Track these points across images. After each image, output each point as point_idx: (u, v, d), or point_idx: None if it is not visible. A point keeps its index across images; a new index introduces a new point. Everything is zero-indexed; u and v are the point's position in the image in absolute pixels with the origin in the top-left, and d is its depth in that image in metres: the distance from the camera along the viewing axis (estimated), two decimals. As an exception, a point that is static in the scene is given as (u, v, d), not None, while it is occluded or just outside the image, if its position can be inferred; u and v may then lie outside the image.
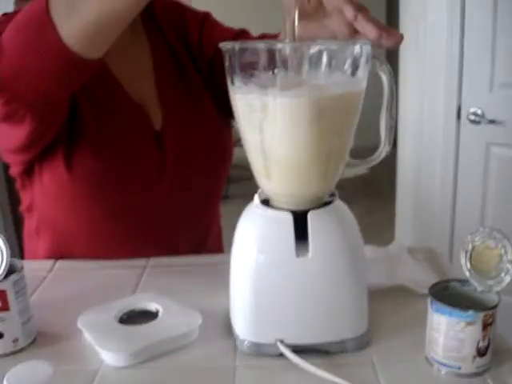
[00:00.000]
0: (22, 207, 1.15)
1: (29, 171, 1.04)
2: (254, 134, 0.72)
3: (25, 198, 1.12)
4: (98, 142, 1.00)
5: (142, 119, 1.06)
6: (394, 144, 2.64)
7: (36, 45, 0.77)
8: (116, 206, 1.05)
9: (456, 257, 1.04)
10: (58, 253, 1.11)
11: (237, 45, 0.71)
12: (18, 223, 2.47)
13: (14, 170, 1.08)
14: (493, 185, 2.39)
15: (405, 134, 2.73)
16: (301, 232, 0.73)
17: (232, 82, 0.73)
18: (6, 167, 2.40)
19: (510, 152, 2.32)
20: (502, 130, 2.30)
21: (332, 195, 0.78)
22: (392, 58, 2.71)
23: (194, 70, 1.14)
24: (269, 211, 0.76)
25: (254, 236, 0.76)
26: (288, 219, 0.73)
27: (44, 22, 0.74)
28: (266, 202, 0.78)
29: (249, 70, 0.70)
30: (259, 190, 0.79)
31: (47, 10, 0.74)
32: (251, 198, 0.80)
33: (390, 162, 0.74)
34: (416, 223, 2.79)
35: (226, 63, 0.72)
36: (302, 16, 0.80)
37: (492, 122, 2.30)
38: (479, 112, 2.33)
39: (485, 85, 2.31)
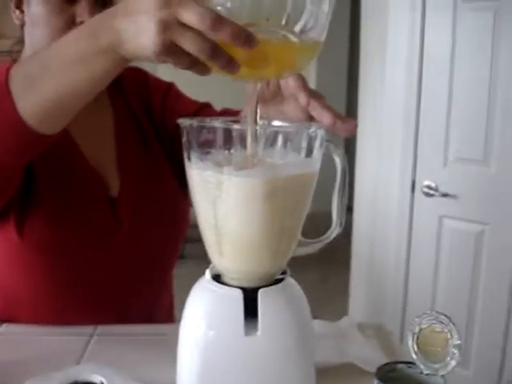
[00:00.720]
0: None
1: None
2: (208, 209, 0.73)
3: None
4: (51, 207, 0.99)
5: (99, 185, 1.06)
6: (351, 211, 2.69)
7: None
8: (66, 273, 1.03)
9: (406, 332, 1.05)
10: (5, 315, 1.08)
11: (194, 122, 0.72)
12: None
13: None
14: (445, 256, 2.43)
15: (360, 203, 2.79)
16: (251, 309, 0.73)
17: (188, 158, 0.74)
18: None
19: (462, 225, 2.37)
20: (454, 203, 2.36)
21: (283, 272, 0.79)
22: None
23: (156, 139, 1.15)
24: (219, 287, 0.76)
25: (203, 312, 0.75)
26: (238, 297, 0.73)
27: (2, 95, 0.74)
28: (217, 277, 0.78)
29: (205, 147, 0.71)
30: (211, 265, 0.79)
31: (6, 83, 0.74)
32: (207, 259, 0.79)
33: (346, 228, 0.76)
34: (370, 293, 2.81)
35: (184, 139, 0.74)
36: (261, 101, 0.83)
37: (445, 195, 2.36)
38: (433, 185, 2.39)
39: (439, 159, 2.38)
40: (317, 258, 0.95)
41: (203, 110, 1.17)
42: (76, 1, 0.98)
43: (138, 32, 0.61)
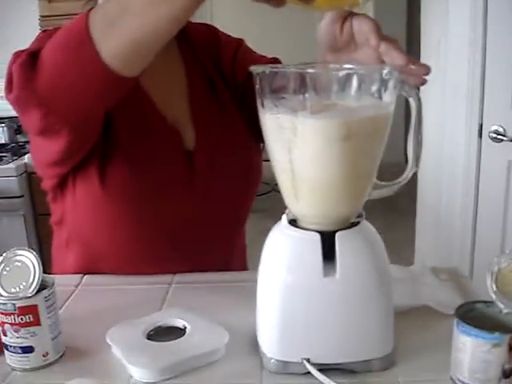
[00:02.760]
0: (53, 220, 1.17)
1: (62, 185, 1.06)
2: (283, 155, 0.74)
3: (56, 210, 1.14)
4: (131, 159, 1.02)
5: (175, 139, 1.08)
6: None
7: (75, 61, 0.78)
8: (147, 222, 1.07)
9: (477, 275, 1.05)
10: (87, 266, 1.13)
11: (267, 68, 0.72)
12: (40, 236, 2.50)
13: (47, 183, 1.10)
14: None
15: (426, 151, 2.71)
16: (328, 252, 0.74)
17: (262, 105, 0.74)
18: (31, 181, 2.44)
19: (532, 169, 2.31)
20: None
21: (359, 216, 0.79)
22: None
23: (228, 91, 1.16)
24: (296, 231, 0.77)
25: (282, 256, 0.77)
26: (316, 240, 0.74)
27: (83, 40, 0.75)
28: (293, 222, 0.79)
29: (279, 93, 0.72)
30: (287, 210, 0.80)
31: (87, 28, 0.75)
32: (273, 213, 0.80)
33: (411, 178, 0.76)
34: (436, 241, 2.78)
35: (257, 86, 0.74)
36: (334, 50, 0.83)
37: (514, 139, 2.29)
38: (501, 130, 2.33)
39: (507, 103, 2.30)
40: (380, 206, 0.95)
41: (273, 64, 1.17)
42: None
43: None
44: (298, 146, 0.71)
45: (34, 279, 0.80)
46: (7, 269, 0.81)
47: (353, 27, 0.83)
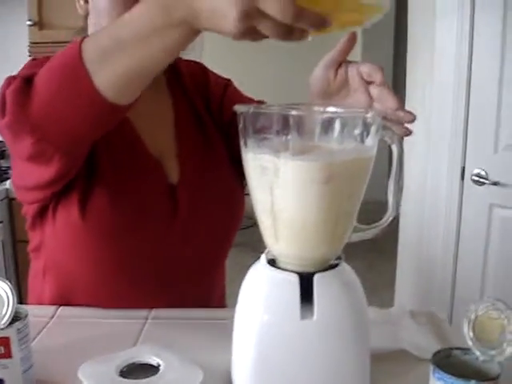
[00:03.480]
0: (30, 247, 1.16)
1: (42, 212, 1.05)
2: (265, 195, 0.74)
3: (34, 238, 1.13)
4: (113, 190, 1.02)
5: (158, 172, 1.08)
6: (398, 200, 2.66)
7: (69, 91, 0.78)
8: (126, 256, 1.06)
9: (456, 319, 1.05)
10: (62, 296, 1.11)
11: (251, 108, 0.73)
12: (18, 263, 2.47)
13: (28, 210, 1.08)
14: (495, 246, 2.39)
15: (408, 192, 2.74)
16: (306, 294, 0.74)
17: (245, 144, 0.75)
18: (11, 207, 2.41)
19: (513, 213, 2.33)
20: (505, 192, 2.31)
21: (338, 258, 0.79)
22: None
23: (215, 128, 1.17)
24: (275, 272, 0.77)
25: (259, 296, 0.77)
26: (294, 281, 0.74)
27: (77, 70, 0.75)
28: (272, 262, 0.79)
29: (262, 133, 0.72)
30: (266, 250, 0.80)
31: (80, 58, 0.75)
32: (253, 247, 0.80)
33: (392, 220, 0.76)
34: (416, 282, 2.79)
35: (240, 125, 0.74)
36: (325, 95, 0.84)
37: (496, 183, 2.31)
38: (483, 173, 2.35)
39: (489, 146, 2.33)
40: (362, 246, 0.95)
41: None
42: None
43: (217, 15, 0.62)
44: (280, 187, 0.71)
45: (7, 311, 0.79)
46: (-20, 299, 0.80)
47: (348, 72, 0.84)
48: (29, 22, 2.47)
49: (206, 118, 1.17)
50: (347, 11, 0.65)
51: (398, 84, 4.40)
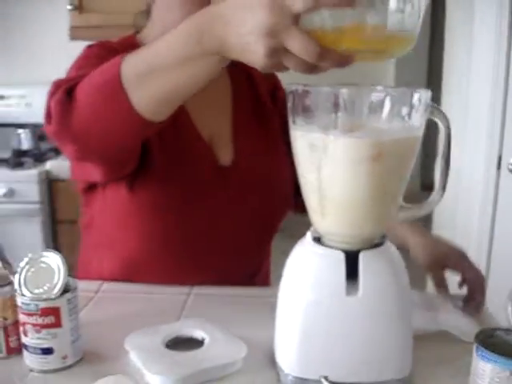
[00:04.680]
0: (82, 222, 1.20)
1: (92, 188, 1.10)
2: (312, 172, 0.74)
3: (85, 214, 1.17)
4: (162, 171, 1.05)
5: (208, 155, 1.11)
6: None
7: (108, 108, 0.81)
8: (172, 233, 1.09)
9: (493, 304, 1.05)
10: (113, 271, 1.14)
11: (300, 86, 0.74)
12: (58, 243, 2.52)
13: (79, 186, 1.14)
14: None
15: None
16: (351, 271, 0.75)
17: (294, 122, 0.76)
18: (52, 188, 2.45)
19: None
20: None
21: (383, 237, 0.80)
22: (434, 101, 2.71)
23: (276, 119, 1.20)
24: (321, 249, 0.78)
25: (305, 273, 0.78)
26: (339, 258, 0.75)
27: (116, 89, 0.79)
28: (317, 240, 0.80)
29: (311, 111, 0.73)
30: (311, 227, 0.81)
31: (119, 78, 0.78)
32: (289, 233, 0.81)
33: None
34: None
35: (289, 104, 0.75)
36: None
37: (532, 173, 2.29)
38: (520, 162, 2.32)
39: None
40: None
41: None
42: None
43: (245, 49, 0.65)
44: (328, 164, 0.72)
45: (58, 281, 0.81)
46: (32, 269, 0.83)
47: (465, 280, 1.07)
48: (69, 7, 2.50)
49: (268, 107, 1.20)
50: (372, 47, 0.65)
51: (434, 71, 4.36)
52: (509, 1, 2.29)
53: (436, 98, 2.78)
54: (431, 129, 0.78)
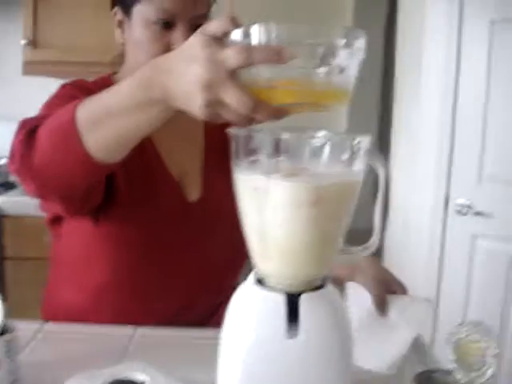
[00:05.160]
0: (50, 256, 1.23)
1: (59, 221, 1.14)
2: (254, 215, 0.75)
3: (53, 247, 1.20)
4: (128, 206, 1.08)
5: (176, 191, 1.14)
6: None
7: (63, 149, 0.85)
8: (138, 268, 1.11)
9: (438, 344, 1.06)
10: (78, 304, 1.15)
11: (243, 131, 0.75)
12: (5, 281, 2.46)
13: (46, 219, 1.17)
14: (478, 276, 2.42)
15: (393, 219, 2.79)
16: (293, 314, 0.75)
17: (237, 165, 0.77)
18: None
19: (496, 244, 2.36)
20: (488, 222, 2.35)
21: (324, 279, 0.81)
22: (384, 145, 2.79)
23: None
24: (262, 291, 0.78)
25: (247, 315, 0.78)
26: (280, 301, 0.75)
27: (70, 132, 0.82)
28: (260, 281, 0.80)
29: (253, 155, 0.74)
30: (254, 270, 0.82)
31: (74, 122, 0.82)
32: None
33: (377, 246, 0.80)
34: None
35: (232, 147, 0.77)
36: None
37: (479, 213, 2.35)
38: (466, 203, 2.39)
39: (473, 177, 2.37)
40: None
41: None
42: (172, 28, 1.06)
43: (186, 99, 0.68)
44: (269, 208, 0.73)
45: (-4, 324, 0.80)
46: (-31, 312, 0.81)
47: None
48: (23, 41, 2.49)
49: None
50: (305, 101, 0.68)
51: (384, 113, 4.46)
52: (455, 48, 2.38)
53: (386, 139, 2.85)
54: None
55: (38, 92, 2.90)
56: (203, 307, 1.19)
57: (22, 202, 2.40)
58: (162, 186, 1.13)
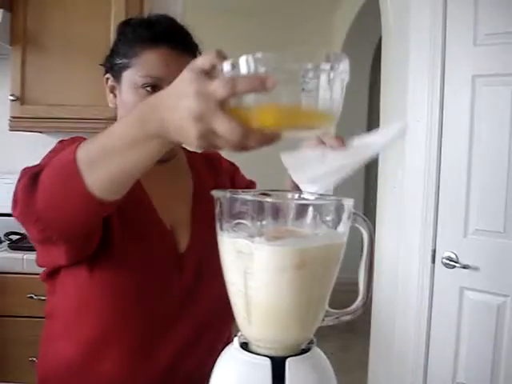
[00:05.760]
0: (45, 312, 1.21)
1: (54, 275, 1.14)
2: (238, 278, 0.75)
3: (48, 302, 1.20)
4: (122, 255, 1.09)
5: (168, 241, 1.15)
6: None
7: (65, 190, 0.86)
8: (130, 320, 1.10)
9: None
10: (70, 357, 1.13)
11: (228, 193, 0.75)
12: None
13: (42, 274, 1.17)
14: (467, 328, 2.40)
15: (380, 274, 2.79)
16: (279, 378, 0.74)
17: (221, 228, 0.77)
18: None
19: (483, 296, 2.35)
20: (475, 275, 2.35)
21: (310, 342, 0.80)
22: (370, 201, 2.80)
23: None
24: (247, 355, 0.77)
25: (231, 380, 0.77)
26: (266, 365, 0.74)
27: (72, 171, 0.84)
28: (244, 346, 0.79)
29: (238, 218, 0.74)
30: (239, 333, 0.81)
31: (75, 162, 0.83)
32: None
33: (366, 302, 0.79)
34: (389, 364, 2.77)
35: (217, 209, 0.77)
36: None
37: (466, 266, 2.35)
38: (453, 256, 2.39)
39: (459, 230, 2.38)
40: (337, 326, 0.97)
41: (248, 186, 1.33)
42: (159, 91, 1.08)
43: (180, 132, 0.70)
44: (253, 271, 0.73)
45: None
46: None
47: None
48: (11, 97, 2.51)
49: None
50: (294, 125, 0.69)
51: (370, 171, 4.51)
52: (439, 88, 2.42)
53: (372, 194, 2.87)
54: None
55: (25, 148, 2.93)
56: (192, 367, 1.16)
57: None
58: (156, 237, 1.15)
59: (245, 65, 0.65)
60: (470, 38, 2.32)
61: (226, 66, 0.67)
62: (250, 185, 1.40)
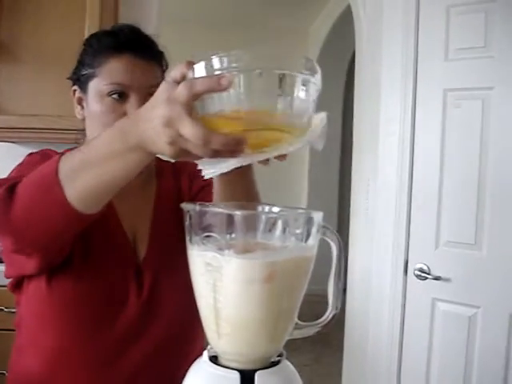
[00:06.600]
0: (14, 323, 1.20)
1: (19, 286, 1.14)
2: (207, 291, 0.75)
3: (16, 313, 1.19)
4: (80, 268, 1.08)
5: (129, 252, 1.15)
6: (344, 292, 2.69)
7: (45, 201, 0.86)
8: (88, 333, 1.09)
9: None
10: (34, 368, 1.12)
11: (197, 206, 0.75)
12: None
13: (9, 285, 1.17)
14: (439, 339, 2.42)
15: (353, 285, 2.80)
16: (247, 391, 0.74)
17: (190, 240, 0.77)
18: None
19: (455, 307, 2.37)
20: (447, 286, 2.37)
21: (280, 355, 0.80)
22: (344, 213, 2.82)
23: None
24: (216, 369, 0.77)
25: (200, 393, 0.76)
26: (235, 378, 0.74)
27: (52, 182, 0.84)
28: (214, 359, 0.79)
29: (207, 230, 0.74)
30: (209, 346, 0.80)
31: (56, 173, 0.84)
32: None
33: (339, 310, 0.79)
34: (362, 375, 2.78)
35: (186, 222, 0.77)
36: None
37: (438, 278, 2.37)
38: (425, 268, 2.41)
39: (431, 242, 2.41)
40: (310, 338, 0.98)
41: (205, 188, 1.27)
42: (126, 100, 1.12)
43: (155, 141, 0.72)
44: (222, 284, 0.73)
45: None
46: None
47: None
48: (-14, 109, 2.49)
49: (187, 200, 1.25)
50: (263, 130, 0.69)
51: (343, 182, 4.55)
52: (411, 102, 2.45)
53: (346, 207, 2.88)
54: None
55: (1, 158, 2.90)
56: (155, 378, 1.15)
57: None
58: (118, 248, 1.14)
59: (219, 65, 0.66)
60: (442, 52, 2.36)
61: (190, 72, 0.69)
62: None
